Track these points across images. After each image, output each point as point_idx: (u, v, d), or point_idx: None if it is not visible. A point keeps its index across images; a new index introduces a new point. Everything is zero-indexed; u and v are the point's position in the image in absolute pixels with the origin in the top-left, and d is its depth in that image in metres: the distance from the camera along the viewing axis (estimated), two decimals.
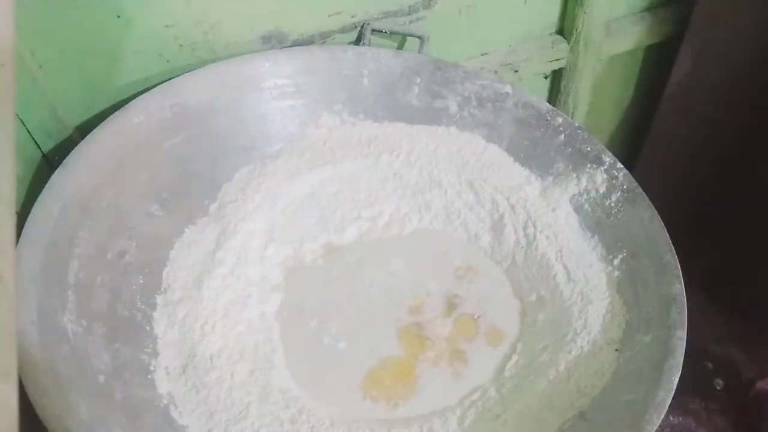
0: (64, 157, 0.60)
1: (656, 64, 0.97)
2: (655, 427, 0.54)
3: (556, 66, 0.89)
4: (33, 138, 0.62)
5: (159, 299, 0.63)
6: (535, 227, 0.69)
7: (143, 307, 0.62)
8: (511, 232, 0.70)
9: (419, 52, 0.74)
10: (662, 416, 0.54)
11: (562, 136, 0.69)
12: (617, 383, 0.59)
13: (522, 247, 0.69)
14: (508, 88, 0.72)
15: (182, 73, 0.66)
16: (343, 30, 0.73)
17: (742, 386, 0.82)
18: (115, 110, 0.63)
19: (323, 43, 0.73)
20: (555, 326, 0.64)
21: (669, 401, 0.55)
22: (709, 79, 0.92)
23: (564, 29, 0.88)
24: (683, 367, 0.56)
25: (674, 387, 0.55)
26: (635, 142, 1.03)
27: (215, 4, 0.64)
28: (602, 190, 0.68)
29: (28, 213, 0.57)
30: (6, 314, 0.32)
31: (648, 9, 0.93)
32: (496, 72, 0.84)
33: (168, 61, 0.66)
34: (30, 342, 0.52)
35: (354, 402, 0.61)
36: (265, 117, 0.70)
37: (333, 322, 0.65)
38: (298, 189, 0.70)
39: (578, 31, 0.86)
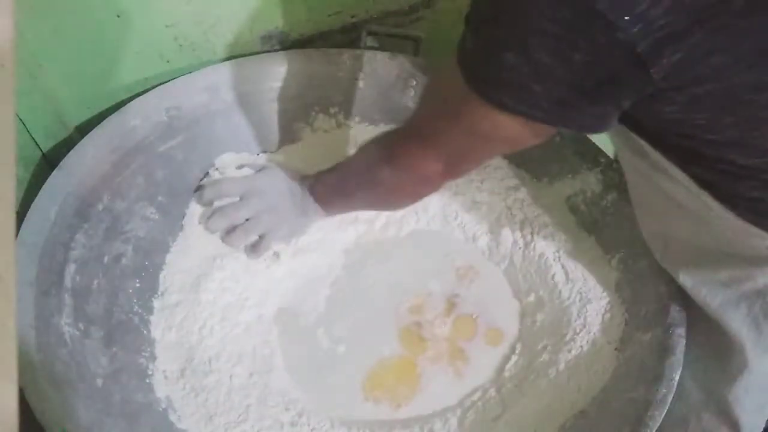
0: (63, 157, 0.60)
1: None
2: (657, 425, 0.54)
3: None
4: (33, 138, 0.61)
5: (156, 303, 0.62)
6: (532, 228, 0.69)
7: (140, 310, 0.61)
8: (509, 233, 0.70)
9: (415, 54, 0.74)
10: (663, 413, 0.54)
11: (558, 137, 0.70)
12: (618, 382, 0.59)
13: (520, 247, 0.69)
14: None
15: (182, 74, 0.66)
16: (342, 30, 0.73)
17: None
18: (115, 110, 0.63)
19: (323, 43, 0.73)
20: (554, 326, 0.64)
21: (670, 398, 0.55)
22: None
23: None
24: None
25: (675, 384, 0.56)
26: None
27: (215, 4, 0.64)
28: (598, 190, 0.68)
29: (26, 213, 0.56)
30: (6, 315, 0.32)
31: None
32: None
33: (168, 61, 0.66)
34: (28, 345, 0.52)
35: (355, 403, 0.61)
36: (262, 119, 0.70)
37: (333, 323, 0.65)
38: None
39: None
